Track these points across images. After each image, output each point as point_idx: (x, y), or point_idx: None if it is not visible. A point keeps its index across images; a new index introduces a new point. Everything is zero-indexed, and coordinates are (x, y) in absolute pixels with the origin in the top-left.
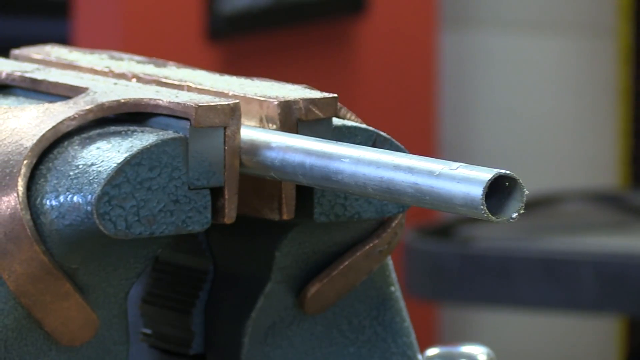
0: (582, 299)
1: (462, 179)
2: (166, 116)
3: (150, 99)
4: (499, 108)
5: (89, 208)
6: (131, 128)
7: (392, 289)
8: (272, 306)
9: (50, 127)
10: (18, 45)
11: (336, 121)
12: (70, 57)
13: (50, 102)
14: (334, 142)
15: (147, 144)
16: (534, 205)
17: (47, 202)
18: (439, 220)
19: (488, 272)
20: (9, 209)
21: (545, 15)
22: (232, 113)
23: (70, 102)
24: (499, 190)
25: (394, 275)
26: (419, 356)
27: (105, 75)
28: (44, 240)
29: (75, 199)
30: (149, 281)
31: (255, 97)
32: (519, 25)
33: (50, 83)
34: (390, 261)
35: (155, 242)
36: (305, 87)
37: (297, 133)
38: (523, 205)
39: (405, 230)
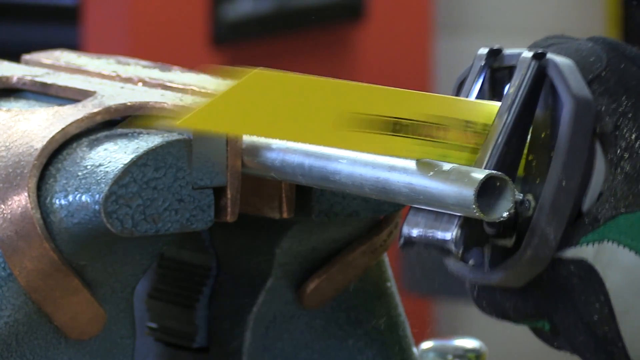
0: None
1: (454, 180)
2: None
3: (155, 102)
4: None
5: (96, 207)
6: (137, 130)
7: (388, 284)
8: (273, 301)
9: (59, 129)
10: (29, 50)
11: None
12: (78, 62)
13: (60, 105)
14: None
15: (152, 145)
16: None
17: (57, 201)
18: None
19: None
20: (20, 208)
21: (537, 22)
22: None
23: (79, 105)
24: (490, 190)
25: (389, 272)
26: (414, 349)
27: (113, 80)
28: (53, 238)
29: (83, 198)
30: (154, 277)
31: None
32: (512, 32)
33: (59, 87)
34: (386, 258)
35: (160, 240)
36: None
37: None
38: (513, 204)
39: (400, 227)
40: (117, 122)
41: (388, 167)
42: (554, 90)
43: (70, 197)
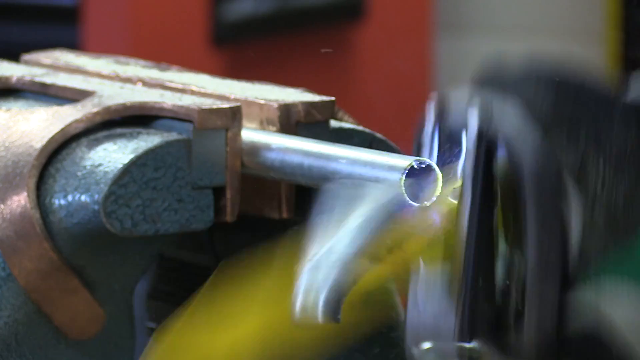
0: None
1: None
2: (170, 119)
3: (155, 102)
4: None
5: (96, 207)
6: (136, 130)
7: (389, 284)
8: None
9: (59, 129)
10: (28, 50)
11: (334, 123)
12: (78, 62)
13: (59, 105)
14: (332, 143)
15: (152, 145)
16: None
17: (56, 201)
18: None
19: None
20: (19, 208)
21: (537, 22)
22: (233, 116)
23: (78, 105)
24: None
25: None
26: (414, 350)
27: (112, 80)
28: (53, 237)
29: (83, 198)
30: (154, 277)
31: (255, 101)
32: (512, 31)
33: (59, 87)
34: None
35: (159, 240)
36: (304, 91)
37: (296, 135)
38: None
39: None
40: (116, 122)
41: (387, 167)
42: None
43: (70, 197)
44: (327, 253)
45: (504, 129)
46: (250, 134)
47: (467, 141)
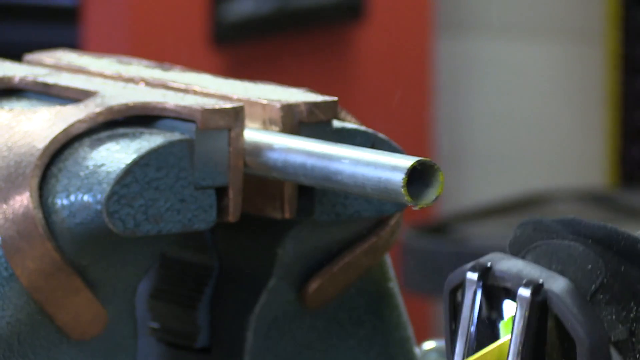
0: None
1: None
2: (173, 119)
3: (157, 102)
4: (492, 111)
5: (98, 207)
6: (139, 130)
7: (390, 284)
8: (274, 301)
9: (61, 129)
10: (31, 50)
11: (336, 123)
12: (80, 62)
13: (62, 105)
14: (334, 143)
15: (154, 145)
16: (526, 204)
17: (59, 201)
18: (435, 219)
19: None
20: (21, 208)
21: (537, 22)
22: (236, 116)
23: (81, 105)
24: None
25: (391, 272)
26: (416, 350)
27: (115, 80)
28: (55, 237)
29: (85, 198)
30: (156, 277)
31: (258, 101)
32: (511, 31)
33: (61, 87)
34: (388, 258)
35: (162, 240)
36: (307, 91)
37: (298, 135)
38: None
39: (402, 228)
40: (119, 122)
41: (390, 167)
42: (561, 323)
43: (72, 197)
44: None
45: (558, 296)
46: (252, 134)
47: (518, 301)
